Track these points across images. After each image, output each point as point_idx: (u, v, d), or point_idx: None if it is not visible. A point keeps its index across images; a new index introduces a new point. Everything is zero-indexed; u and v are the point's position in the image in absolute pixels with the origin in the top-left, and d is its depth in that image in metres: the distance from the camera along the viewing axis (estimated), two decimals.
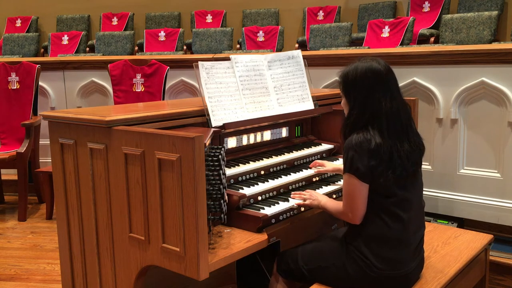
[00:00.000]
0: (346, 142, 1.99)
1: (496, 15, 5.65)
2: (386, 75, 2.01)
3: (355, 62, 2.06)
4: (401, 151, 1.94)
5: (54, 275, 3.23)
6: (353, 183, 1.95)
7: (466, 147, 3.28)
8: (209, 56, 4.72)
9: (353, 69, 2.04)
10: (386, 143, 1.93)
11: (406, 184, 1.99)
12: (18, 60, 4.81)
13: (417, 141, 2.04)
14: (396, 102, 2.00)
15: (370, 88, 1.99)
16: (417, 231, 2.05)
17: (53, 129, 2.26)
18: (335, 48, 5.96)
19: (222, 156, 1.99)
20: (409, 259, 1.99)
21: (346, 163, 1.96)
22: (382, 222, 1.96)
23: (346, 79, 2.06)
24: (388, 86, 2.00)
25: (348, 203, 1.98)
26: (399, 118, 1.98)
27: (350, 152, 1.94)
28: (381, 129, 1.95)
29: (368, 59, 2.05)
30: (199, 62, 2.44)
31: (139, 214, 1.91)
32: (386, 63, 2.05)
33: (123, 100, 4.50)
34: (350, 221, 2.01)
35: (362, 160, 1.91)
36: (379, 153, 1.92)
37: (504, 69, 3.08)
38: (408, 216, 1.98)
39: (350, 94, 2.05)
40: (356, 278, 1.98)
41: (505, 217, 3.13)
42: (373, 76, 1.99)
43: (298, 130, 3.04)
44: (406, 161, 1.95)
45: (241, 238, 2.08)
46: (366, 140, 1.93)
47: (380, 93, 1.98)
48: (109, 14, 8.23)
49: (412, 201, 2.01)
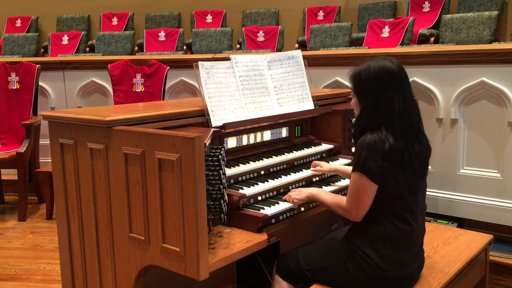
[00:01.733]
0: (360, 140, 1.96)
1: (496, 15, 5.65)
2: (399, 74, 1.98)
3: (367, 61, 2.02)
4: (412, 152, 1.92)
5: (54, 275, 3.22)
6: (363, 182, 1.93)
7: (466, 147, 3.28)
8: (209, 56, 4.72)
9: (366, 68, 2.00)
10: (399, 145, 1.90)
11: (413, 186, 1.98)
12: (18, 60, 4.81)
13: (425, 142, 2.02)
14: (409, 102, 1.97)
15: (384, 87, 1.95)
16: (421, 233, 2.06)
17: (53, 129, 2.26)
18: (335, 48, 5.96)
19: (222, 156, 1.98)
20: (411, 261, 2.00)
21: (358, 162, 1.93)
22: (391, 224, 1.95)
23: (358, 78, 2.02)
24: (401, 85, 1.97)
25: (354, 201, 1.97)
26: (410, 119, 1.96)
27: (363, 152, 1.91)
28: (394, 130, 1.92)
29: (381, 58, 2.01)
30: (199, 62, 2.44)
31: (139, 214, 1.91)
32: (399, 63, 2.01)
33: (123, 100, 4.50)
34: (352, 219, 2.00)
35: (375, 161, 1.89)
36: (392, 155, 1.89)
37: (504, 69, 3.08)
38: (415, 219, 1.98)
39: (363, 94, 2.02)
40: (357, 278, 1.98)
41: (505, 217, 3.13)
42: (386, 75, 1.95)
43: (298, 130, 3.04)
44: (416, 163, 1.93)
45: (241, 238, 2.08)
46: (381, 140, 1.90)
47: (394, 93, 1.94)
48: (109, 14, 8.22)
49: (418, 203, 2.01)
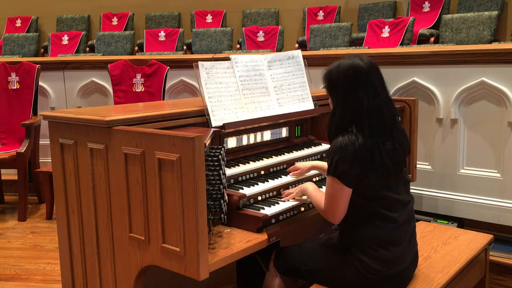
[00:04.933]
0: (332, 144, 1.96)
1: (496, 15, 5.65)
2: (369, 72, 1.96)
3: (339, 59, 2.03)
4: (383, 150, 1.91)
5: (54, 275, 3.22)
6: (336, 186, 1.93)
7: (466, 147, 3.28)
8: (209, 56, 4.72)
9: (336, 67, 2.00)
10: (368, 143, 1.90)
11: (390, 183, 1.97)
12: (18, 60, 4.81)
13: (402, 140, 2.00)
14: (380, 99, 1.95)
15: (352, 85, 1.95)
16: (408, 226, 2.03)
17: (53, 129, 2.26)
18: (335, 48, 5.96)
19: (222, 156, 1.98)
20: (403, 255, 1.99)
21: (331, 166, 1.94)
22: (373, 226, 1.95)
23: (329, 77, 2.02)
24: (370, 83, 1.95)
25: (330, 204, 1.98)
26: (381, 116, 1.94)
27: (335, 156, 1.92)
28: (363, 128, 1.91)
29: (352, 56, 2.01)
30: (199, 62, 2.44)
31: (139, 214, 1.91)
32: (371, 60, 2.00)
33: (123, 100, 4.50)
34: (330, 221, 2.01)
35: (346, 165, 1.89)
36: (362, 155, 1.89)
37: (504, 69, 3.08)
38: (398, 215, 1.97)
39: (334, 93, 2.02)
40: (354, 281, 1.98)
41: (505, 217, 3.13)
42: (354, 73, 1.95)
43: (298, 130, 3.04)
44: (387, 160, 1.92)
45: (241, 238, 2.08)
46: (351, 143, 1.89)
47: (362, 91, 1.93)
48: (109, 14, 8.23)
49: (399, 199, 2.00)
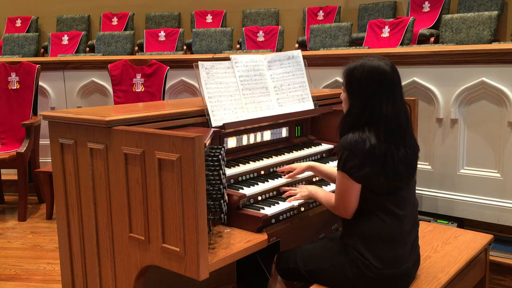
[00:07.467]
0: (342, 140, 1.97)
1: (496, 15, 5.65)
2: (392, 78, 1.96)
3: (362, 58, 2.00)
4: (396, 156, 1.92)
5: (54, 275, 3.22)
6: (345, 181, 1.95)
7: (466, 147, 3.28)
8: (209, 56, 4.72)
9: (360, 66, 1.97)
10: (382, 147, 1.90)
11: (401, 186, 1.98)
12: (18, 60, 4.81)
13: (412, 144, 2.02)
14: (398, 106, 1.95)
15: (374, 90, 1.94)
16: (412, 228, 2.05)
17: (53, 129, 2.26)
18: (335, 48, 5.96)
19: (222, 156, 1.98)
20: (406, 256, 1.99)
21: (340, 162, 1.95)
22: (379, 220, 1.95)
23: (351, 75, 2.00)
24: (392, 88, 1.95)
25: (340, 199, 1.99)
26: (398, 122, 1.95)
27: (344, 151, 1.93)
28: (378, 131, 1.91)
29: (376, 58, 1.99)
30: (199, 62, 2.44)
31: (139, 214, 1.91)
32: (393, 64, 1.99)
33: (123, 100, 4.50)
34: (342, 216, 2.03)
35: (355, 160, 1.90)
36: (373, 155, 1.90)
37: (504, 69, 3.08)
38: (404, 213, 1.98)
39: (353, 92, 2.00)
40: (355, 280, 1.98)
41: (505, 217, 3.12)
42: (379, 78, 1.94)
43: (298, 130, 3.04)
44: (400, 166, 1.93)
45: (241, 238, 2.08)
46: (361, 140, 1.90)
47: (383, 97, 1.93)
48: (109, 14, 8.22)
49: (407, 198, 2.01)
